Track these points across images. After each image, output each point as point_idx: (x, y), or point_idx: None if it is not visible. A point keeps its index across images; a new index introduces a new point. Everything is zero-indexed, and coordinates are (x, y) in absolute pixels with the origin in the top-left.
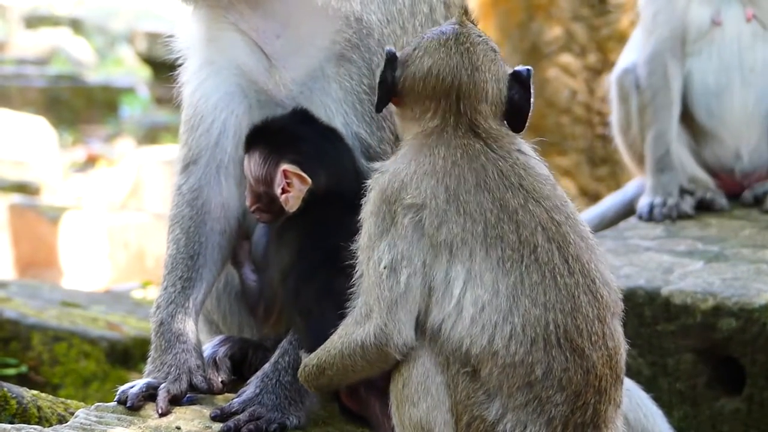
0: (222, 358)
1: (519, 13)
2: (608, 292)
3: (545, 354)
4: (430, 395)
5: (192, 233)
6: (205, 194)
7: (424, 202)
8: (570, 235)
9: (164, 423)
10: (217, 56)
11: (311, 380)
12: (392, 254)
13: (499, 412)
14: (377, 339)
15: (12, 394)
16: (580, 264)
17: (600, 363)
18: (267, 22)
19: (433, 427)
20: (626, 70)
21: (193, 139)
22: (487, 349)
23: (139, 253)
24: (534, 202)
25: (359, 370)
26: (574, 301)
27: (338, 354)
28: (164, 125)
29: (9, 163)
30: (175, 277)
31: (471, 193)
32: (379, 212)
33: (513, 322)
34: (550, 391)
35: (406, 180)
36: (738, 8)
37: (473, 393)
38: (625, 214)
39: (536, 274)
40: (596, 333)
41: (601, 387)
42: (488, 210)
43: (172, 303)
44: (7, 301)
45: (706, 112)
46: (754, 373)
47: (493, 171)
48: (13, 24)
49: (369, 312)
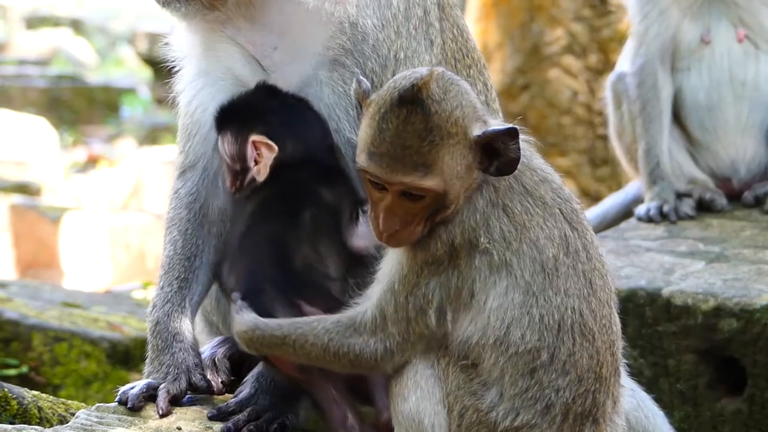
0: (221, 358)
1: (520, 14)
2: (611, 279)
3: (556, 339)
4: (420, 388)
5: (189, 235)
6: (202, 198)
7: (492, 240)
8: (585, 221)
9: (165, 423)
10: (213, 66)
11: (258, 344)
12: (443, 294)
13: (495, 401)
14: (381, 358)
15: (13, 394)
16: (594, 249)
17: (604, 348)
18: (264, 36)
19: (423, 418)
20: (619, 76)
21: (191, 146)
22: (501, 341)
23: (140, 254)
24: (557, 194)
25: (331, 364)
26: (590, 285)
27: (320, 345)
28: (165, 126)
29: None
30: (172, 277)
31: (522, 202)
32: (439, 261)
33: (532, 313)
34: (553, 375)
35: (475, 225)
36: (728, 28)
37: (465, 383)
38: (625, 214)
39: (564, 266)
40: (605, 316)
41: (602, 374)
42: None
43: (168, 302)
44: (8, 302)
45: (699, 127)
46: (755, 374)
47: (525, 170)
48: (14, 24)
49: (380, 331)
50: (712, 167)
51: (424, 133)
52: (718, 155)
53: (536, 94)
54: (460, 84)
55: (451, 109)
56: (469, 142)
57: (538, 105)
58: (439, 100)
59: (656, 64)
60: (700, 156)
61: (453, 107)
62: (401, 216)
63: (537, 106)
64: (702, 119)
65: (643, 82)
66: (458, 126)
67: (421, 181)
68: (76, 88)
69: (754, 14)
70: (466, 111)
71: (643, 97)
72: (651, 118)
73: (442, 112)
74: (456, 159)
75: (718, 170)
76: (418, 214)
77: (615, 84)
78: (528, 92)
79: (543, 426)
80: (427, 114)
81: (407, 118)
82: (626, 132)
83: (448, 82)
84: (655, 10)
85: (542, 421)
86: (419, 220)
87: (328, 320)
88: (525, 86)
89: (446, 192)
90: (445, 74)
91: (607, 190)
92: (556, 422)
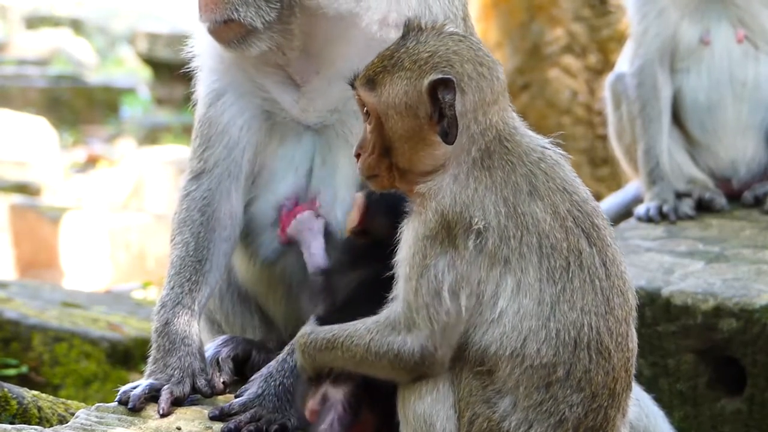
0: (225, 358)
1: (520, 14)
2: (632, 296)
3: (572, 356)
4: (437, 389)
5: (202, 238)
6: (216, 201)
7: (488, 222)
8: (608, 239)
9: (165, 423)
10: (242, 79)
11: (312, 350)
12: (452, 276)
13: (508, 410)
14: (421, 355)
15: (12, 394)
16: (616, 267)
17: (619, 365)
18: (310, 63)
19: (435, 421)
20: (618, 77)
21: (211, 154)
22: (518, 352)
23: (140, 254)
24: (577, 207)
25: (372, 368)
26: (608, 303)
27: (362, 345)
28: (165, 126)
29: (10, 164)
30: (183, 279)
31: (526, 203)
32: (437, 236)
33: (548, 327)
34: (568, 391)
35: (467, 201)
36: (728, 28)
37: (477, 390)
38: (625, 214)
39: (578, 280)
40: (621, 335)
41: (616, 390)
42: (542, 219)
43: (178, 304)
44: (8, 302)
45: (699, 127)
46: (755, 374)
47: (541, 175)
48: (14, 24)
49: (411, 324)
50: (711, 167)
51: (387, 57)
52: (718, 155)
53: (536, 94)
54: (464, 50)
55: (421, 51)
56: (420, 84)
57: (537, 105)
58: (420, 42)
59: (655, 65)
60: (700, 156)
61: (425, 51)
62: (364, 140)
63: (537, 106)
64: (702, 120)
65: (643, 82)
66: (417, 67)
67: (364, 92)
68: (76, 88)
69: (753, 15)
70: (437, 62)
71: (642, 98)
72: (650, 119)
73: (413, 50)
74: (397, 90)
75: (717, 170)
76: (371, 141)
77: (614, 84)
78: (528, 92)
79: None
80: (401, 45)
81: (395, 42)
82: (626, 132)
83: (452, 39)
84: (653, 11)
85: None
86: (373, 148)
87: (370, 320)
88: (525, 86)
89: (382, 119)
90: (455, 35)
91: (606, 190)
92: None
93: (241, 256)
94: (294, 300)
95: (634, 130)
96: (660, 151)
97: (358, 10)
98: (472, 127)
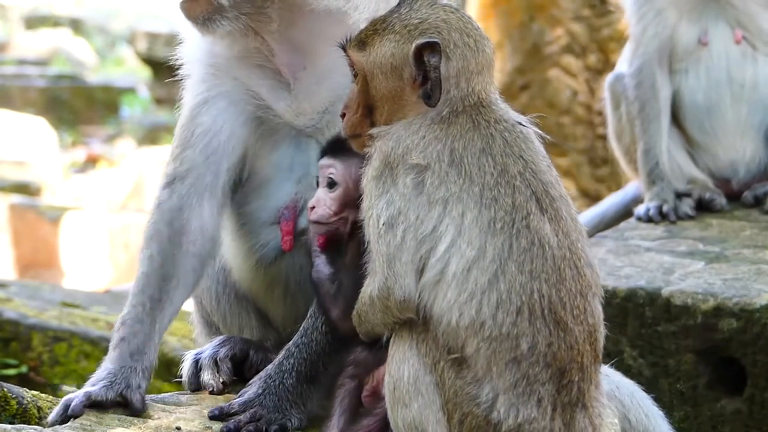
0: (223, 358)
1: (520, 14)
2: (591, 272)
3: (530, 325)
4: (421, 395)
5: (168, 254)
6: (185, 215)
7: (428, 163)
8: (562, 211)
9: (164, 423)
10: (232, 86)
11: (358, 325)
12: (390, 211)
13: (490, 399)
14: (380, 293)
15: (12, 394)
16: (569, 240)
17: (581, 338)
18: (296, 56)
19: (426, 427)
20: (617, 77)
21: (186, 156)
22: (475, 320)
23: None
24: (531, 173)
25: (375, 320)
26: (559, 273)
27: (361, 305)
28: (165, 126)
29: (9, 164)
30: (145, 297)
31: (476, 156)
32: (381, 176)
33: (499, 289)
34: (536, 368)
35: (411, 145)
36: (726, 29)
37: (461, 389)
38: (625, 214)
39: (525, 240)
40: (578, 307)
41: (584, 364)
42: (488, 173)
43: (138, 323)
44: (8, 302)
45: (698, 128)
46: (755, 374)
47: (500, 139)
48: (14, 24)
49: (374, 268)
50: (711, 168)
51: (380, 21)
52: (718, 156)
53: (536, 93)
54: (453, 20)
55: (412, 18)
56: (407, 47)
57: (537, 105)
58: (413, 9)
59: (654, 65)
60: (699, 156)
61: (416, 17)
62: (350, 99)
63: (537, 105)
64: (701, 120)
65: (641, 82)
66: (406, 31)
67: (354, 53)
68: (75, 88)
69: (751, 16)
70: (425, 28)
71: (641, 98)
72: (650, 119)
73: (405, 16)
74: (384, 51)
75: (717, 171)
76: (357, 100)
77: (613, 85)
78: (528, 92)
79: (539, 419)
80: (394, 11)
81: (390, 9)
82: (625, 132)
83: (443, 10)
84: (651, 11)
85: (539, 414)
86: (357, 107)
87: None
88: (525, 86)
89: (368, 78)
90: (448, 6)
91: (606, 190)
92: (548, 413)
93: (238, 257)
94: (291, 299)
95: (634, 130)
96: (659, 151)
97: (347, 9)
98: (453, 91)
